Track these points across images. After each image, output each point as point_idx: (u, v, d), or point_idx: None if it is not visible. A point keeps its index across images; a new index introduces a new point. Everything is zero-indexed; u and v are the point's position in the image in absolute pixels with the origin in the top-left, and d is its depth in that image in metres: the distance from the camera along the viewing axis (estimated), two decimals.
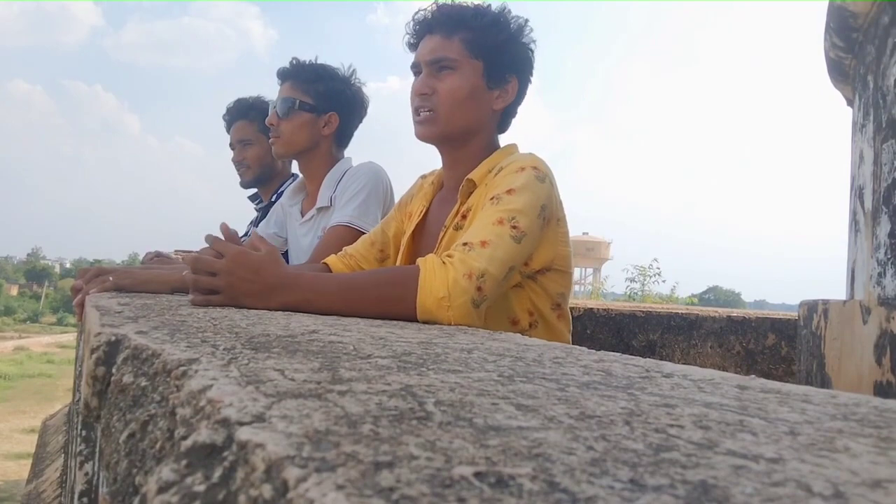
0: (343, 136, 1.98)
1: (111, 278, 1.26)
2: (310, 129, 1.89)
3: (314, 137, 1.90)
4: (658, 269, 9.29)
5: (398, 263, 1.41)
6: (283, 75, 1.92)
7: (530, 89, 1.36)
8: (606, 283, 11.22)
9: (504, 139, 1.38)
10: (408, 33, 1.34)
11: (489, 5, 1.30)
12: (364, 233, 1.65)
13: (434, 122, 1.27)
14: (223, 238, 1.07)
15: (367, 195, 1.80)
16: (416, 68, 1.31)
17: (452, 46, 1.26)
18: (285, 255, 2.11)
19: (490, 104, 1.29)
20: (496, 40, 1.26)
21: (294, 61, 1.93)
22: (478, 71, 1.26)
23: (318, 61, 1.94)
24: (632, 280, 9.38)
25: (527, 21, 1.31)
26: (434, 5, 1.31)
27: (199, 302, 1.00)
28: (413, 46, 1.33)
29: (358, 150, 2.01)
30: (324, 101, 1.89)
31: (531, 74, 1.35)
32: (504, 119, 1.35)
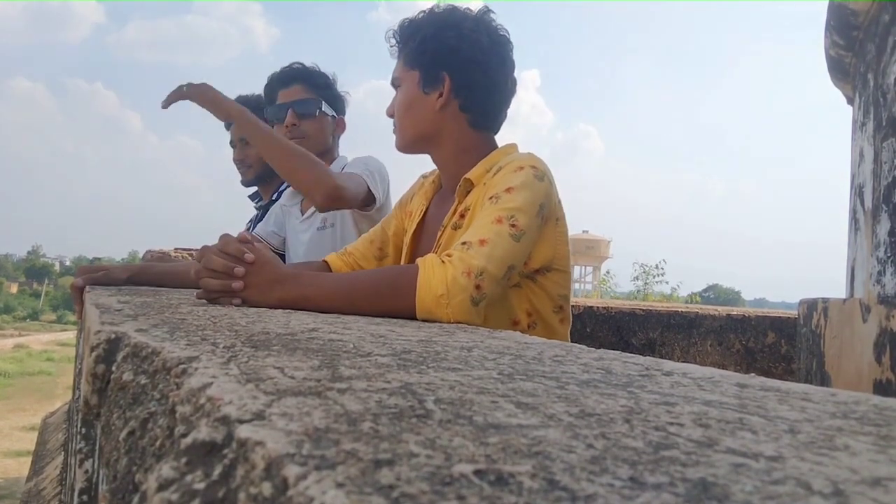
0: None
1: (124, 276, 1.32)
2: (329, 130, 1.97)
3: (330, 139, 1.98)
4: (663, 269, 9.34)
5: (402, 263, 1.41)
6: (294, 77, 1.93)
7: (531, 85, 1.36)
8: (610, 282, 11.20)
9: (503, 139, 1.38)
10: None
11: (425, 12, 1.33)
12: (372, 192, 1.72)
13: (396, 136, 1.38)
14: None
15: (374, 172, 1.82)
16: None
17: (398, 65, 1.36)
18: (284, 255, 2.12)
19: (432, 106, 1.30)
20: (416, 45, 1.30)
21: (298, 65, 1.97)
22: (414, 80, 1.32)
23: (308, 66, 1.99)
24: (636, 278, 9.42)
25: (470, 14, 1.29)
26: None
27: (215, 287, 1.01)
28: None
29: (359, 147, 2.07)
30: (336, 106, 1.98)
31: (473, 66, 1.27)
32: (476, 116, 1.31)
